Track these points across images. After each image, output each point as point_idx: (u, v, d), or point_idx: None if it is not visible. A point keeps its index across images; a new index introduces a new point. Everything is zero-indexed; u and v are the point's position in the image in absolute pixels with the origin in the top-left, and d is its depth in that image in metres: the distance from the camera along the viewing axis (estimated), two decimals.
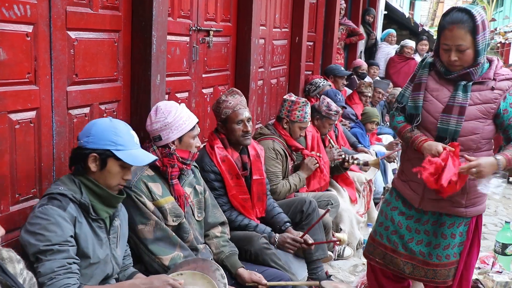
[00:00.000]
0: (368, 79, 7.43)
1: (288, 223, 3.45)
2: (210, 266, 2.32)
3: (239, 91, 3.41)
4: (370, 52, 9.36)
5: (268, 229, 3.36)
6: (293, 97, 4.12)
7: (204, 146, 3.37)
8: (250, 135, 3.37)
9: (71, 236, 2.00)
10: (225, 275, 2.30)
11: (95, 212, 2.12)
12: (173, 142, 2.69)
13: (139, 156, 2.18)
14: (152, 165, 2.66)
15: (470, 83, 2.71)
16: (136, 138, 2.23)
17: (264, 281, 2.78)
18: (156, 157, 2.32)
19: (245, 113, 3.30)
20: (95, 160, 2.11)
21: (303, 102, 4.08)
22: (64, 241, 1.96)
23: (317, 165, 4.18)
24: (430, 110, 2.79)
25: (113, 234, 2.24)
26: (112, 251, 2.21)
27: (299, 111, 4.03)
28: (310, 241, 3.38)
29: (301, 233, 3.39)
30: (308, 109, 4.10)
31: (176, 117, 2.68)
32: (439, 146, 2.66)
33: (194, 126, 2.74)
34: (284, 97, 4.17)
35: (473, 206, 2.85)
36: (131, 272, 2.44)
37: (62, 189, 2.05)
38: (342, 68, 6.66)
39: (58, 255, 1.95)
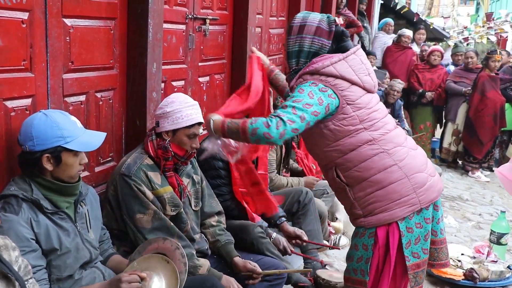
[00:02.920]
0: None
1: (283, 218, 3.44)
2: (171, 245, 2.31)
3: (271, 91, 3.39)
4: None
5: (265, 224, 3.36)
6: None
7: None
8: None
9: (32, 239, 1.96)
10: (185, 254, 2.29)
11: (54, 205, 2.08)
12: (167, 134, 2.66)
13: (90, 140, 2.14)
14: (151, 155, 2.65)
15: None
16: (78, 123, 2.15)
17: (259, 270, 2.79)
18: (105, 133, 2.24)
19: None
20: (49, 160, 2.05)
21: None
22: (22, 248, 1.90)
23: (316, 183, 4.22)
24: None
25: (80, 221, 2.20)
26: (83, 237, 2.18)
27: None
28: (305, 237, 3.38)
29: (296, 229, 3.39)
30: None
31: (175, 109, 2.64)
32: None
33: (192, 125, 2.67)
34: None
35: (372, 215, 2.40)
36: (108, 254, 2.43)
37: (13, 190, 2.01)
38: None
39: None
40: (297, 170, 4.36)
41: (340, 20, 2.18)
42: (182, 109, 2.65)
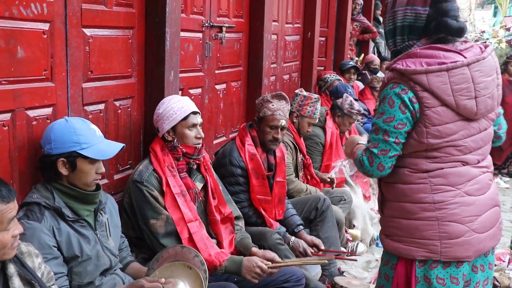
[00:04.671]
0: (380, 74, 7.40)
1: (301, 226, 3.44)
2: (189, 252, 2.31)
3: (287, 98, 3.42)
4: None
5: (283, 229, 3.36)
6: (305, 93, 4.14)
7: (234, 140, 3.39)
8: (279, 143, 3.39)
9: (54, 247, 1.99)
10: (204, 261, 2.29)
11: (75, 213, 2.11)
12: (168, 133, 2.69)
13: (106, 149, 2.16)
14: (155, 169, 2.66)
15: None
16: (98, 131, 2.18)
17: (278, 258, 2.75)
18: (123, 144, 2.26)
19: (282, 121, 3.31)
20: (64, 164, 2.07)
21: (315, 98, 4.09)
22: (44, 255, 1.92)
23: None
24: None
25: (100, 229, 2.22)
26: (103, 245, 2.20)
27: (310, 107, 4.05)
28: (322, 246, 3.37)
29: (314, 238, 3.39)
30: (318, 106, 4.12)
31: (167, 108, 2.69)
32: None
33: (187, 116, 2.70)
34: (296, 91, 4.18)
35: (390, 239, 2.19)
36: (127, 262, 2.45)
37: (35, 197, 2.04)
38: (351, 62, 6.61)
39: None
40: (323, 178, 4.34)
41: None
42: (172, 105, 2.70)
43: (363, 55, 7.51)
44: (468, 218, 2.08)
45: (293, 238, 3.32)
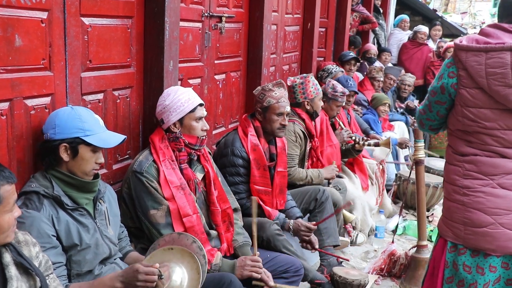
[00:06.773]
0: (378, 64, 7.37)
1: (300, 219, 3.45)
2: (187, 239, 2.31)
3: (285, 84, 3.44)
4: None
5: (282, 215, 3.37)
6: (298, 79, 4.07)
7: (236, 130, 3.39)
8: (285, 129, 3.40)
9: (53, 236, 1.99)
10: (202, 247, 2.30)
11: (74, 201, 2.11)
12: (174, 125, 2.70)
13: (109, 138, 2.18)
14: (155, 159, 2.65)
15: None
16: (101, 121, 2.20)
17: (272, 283, 2.71)
18: (125, 136, 2.27)
19: (287, 107, 3.35)
20: (66, 150, 2.08)
21: (310, 77, 4.07)
22: (43, 244, 1.92)
23: (337, 172, 4.19)
24: None
25: (99, 217, 2.22)
26: (102, 233, 2.21)
27: (311, 87, 4.02)
28: (316, 246, 3.38)
29: (312, 235, 3.39)
30: (314, 79, 4.09)
31: (174, 99, 2.69)
32: None
33: (195, 108, 2.72)
34: (289, 84, 4.06)
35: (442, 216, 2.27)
36: (126, 251, 2.46)
37: (34, 186, 2.04)
38: (352, 53, 6.58)
39: None
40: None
41: None
42: (179, 97, 2.70)
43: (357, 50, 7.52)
44: (495, 210, 2.04)
45: (291, 221, 3.35)
